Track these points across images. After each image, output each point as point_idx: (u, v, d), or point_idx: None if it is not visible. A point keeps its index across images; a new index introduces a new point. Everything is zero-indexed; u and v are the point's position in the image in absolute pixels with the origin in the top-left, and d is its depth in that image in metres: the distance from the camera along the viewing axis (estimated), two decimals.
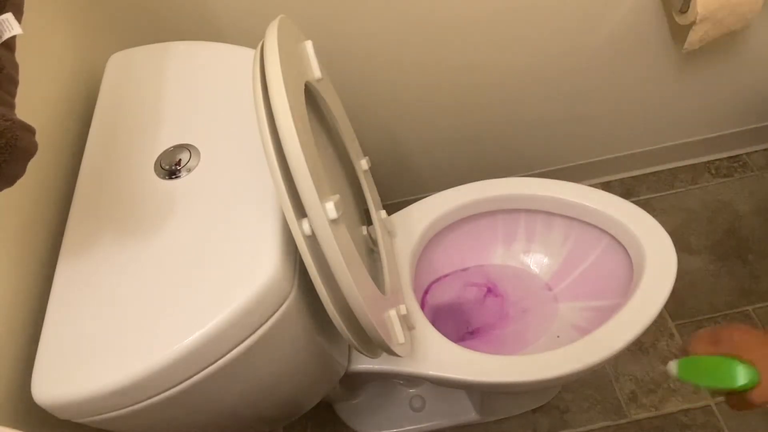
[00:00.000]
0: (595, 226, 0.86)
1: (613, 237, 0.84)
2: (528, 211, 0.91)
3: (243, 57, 0.68)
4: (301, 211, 0.47)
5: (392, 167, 1.21)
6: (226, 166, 0.58)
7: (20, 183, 0.40)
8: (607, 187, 1.34)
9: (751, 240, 1.22)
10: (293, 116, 0.44)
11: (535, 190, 0.87)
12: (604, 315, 0.77)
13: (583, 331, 0.83)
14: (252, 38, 0.86)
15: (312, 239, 0.48)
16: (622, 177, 1.35)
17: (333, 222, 0.47)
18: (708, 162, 1.34)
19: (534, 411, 1.10)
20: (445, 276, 0.97)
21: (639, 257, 0.79)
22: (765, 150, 1.34)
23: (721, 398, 1.08)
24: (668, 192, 1.32)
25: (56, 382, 0.47)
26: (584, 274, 0.91)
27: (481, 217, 0.92)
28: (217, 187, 0.56)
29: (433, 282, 0.96)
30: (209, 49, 0.70)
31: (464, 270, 0.97)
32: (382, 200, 1.25)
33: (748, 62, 1.11)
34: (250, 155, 0.58)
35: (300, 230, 0.47)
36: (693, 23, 0.88)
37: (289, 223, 0.47)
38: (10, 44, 0.42)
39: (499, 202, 0.89)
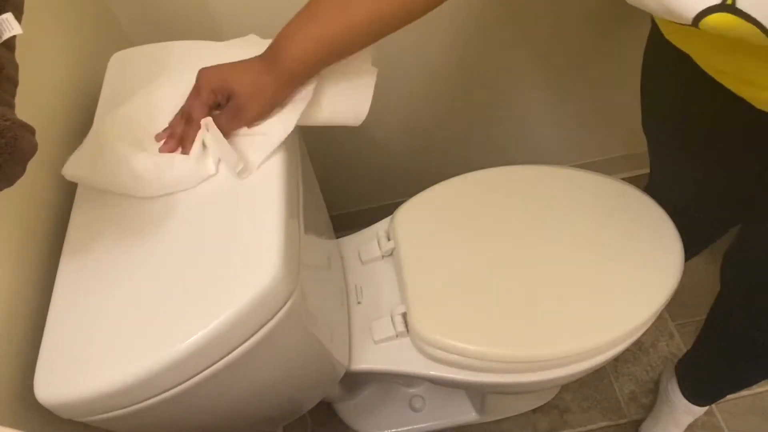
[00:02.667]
0: None
1: None
2: None
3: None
4: None
5: (393, 167, 1.21)
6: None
7: (20, 183, 0.40)
8: None
9: None
10: None
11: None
12: None
13: None
14: None
15: None
16: (622, 177, 1.35)
17: None
18: None
19: (534, 411, 1.10)
20: None
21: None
22: None
23: (722, 400, 1.08)
24: None
25: (59, 382, 0.47)
26: None
27: None
28: (218, 187, 0.56)
29: None
30: (209, 49, 0.70)
31: None
32: (382, 200, 1.24)
33: None
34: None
35: None
36: None
37: None
38: (10, 44, 0.42)
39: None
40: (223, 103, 0.56)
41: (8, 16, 0.40)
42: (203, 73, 0.55)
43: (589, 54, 1.03)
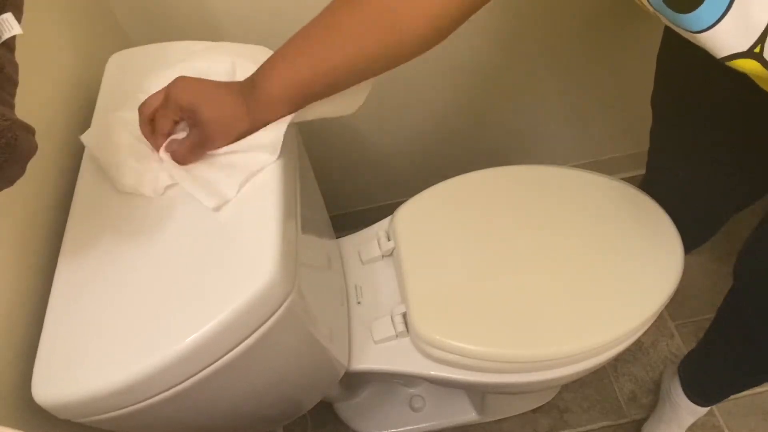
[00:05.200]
0: None
1: None
2: None
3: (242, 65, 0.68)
4: None
5: (393, 167, 1.21)
6: None
7: (20, 183, 0.40)
8: None
9: None
10: None
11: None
12: None
13: None
14: (252, 38, 0.86)
15: None
16: (622, 177, 1.35)
17: None
18: None
19: (534, 411, 1.10)
20: None
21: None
22: None
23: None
24: None
25: (56, 382, 0.47)
26: None
27: None
28: None
29: None
30: (210, 50, 0.70)
31: None
32: (382, 200, 1.24)
33: None
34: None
35: None
36: None
37: None
38: (9, 44, 0.42)
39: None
40: (186, 122, 0.52)
41: (8, 16, 0.40)
42: (177, 84, 0.51)
43: (590, 55, 1.03)
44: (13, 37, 0.41)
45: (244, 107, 0.51)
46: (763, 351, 0.78)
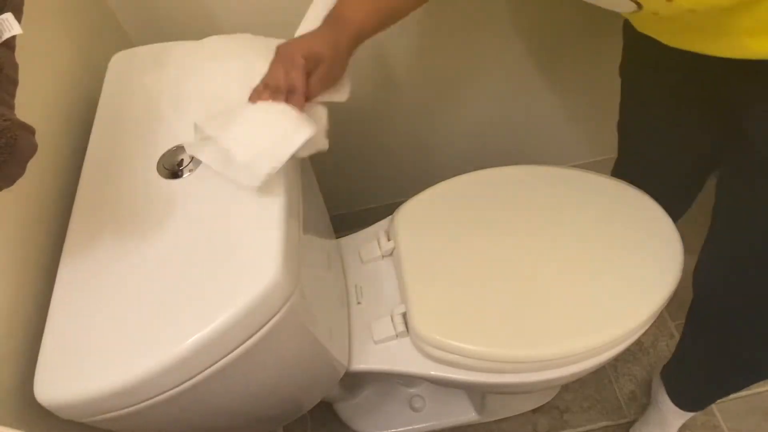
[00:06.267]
0: None
1: None
2: None
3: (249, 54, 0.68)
4: None
5: (393, 167, 1.21)
6: None
7: (20, 183, 0.40)
8: None
9: None
10: None
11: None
12: None
13: None
14: None
15: None
16: None
17: None
18: None
19: (534, 411, 1.10)
20: None
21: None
22: None
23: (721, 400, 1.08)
24: None
25: (59, 382, 0.47)
26: None
27: None
28: (219, 187, 0.56)
29: None
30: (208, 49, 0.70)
31: None
32: (382, 200, 1.24)
33: None
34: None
35: None
36: None
37: None
38: (9, 44, 0.42)
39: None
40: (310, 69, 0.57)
41: (8, 16, 0.41)
42: (288, 46, 0.56)
43: (590, 55, 1.03)
44: (13, 37, 0.41)
45: (339, 34, 0.58)
46: (732, 358, 0.78)
